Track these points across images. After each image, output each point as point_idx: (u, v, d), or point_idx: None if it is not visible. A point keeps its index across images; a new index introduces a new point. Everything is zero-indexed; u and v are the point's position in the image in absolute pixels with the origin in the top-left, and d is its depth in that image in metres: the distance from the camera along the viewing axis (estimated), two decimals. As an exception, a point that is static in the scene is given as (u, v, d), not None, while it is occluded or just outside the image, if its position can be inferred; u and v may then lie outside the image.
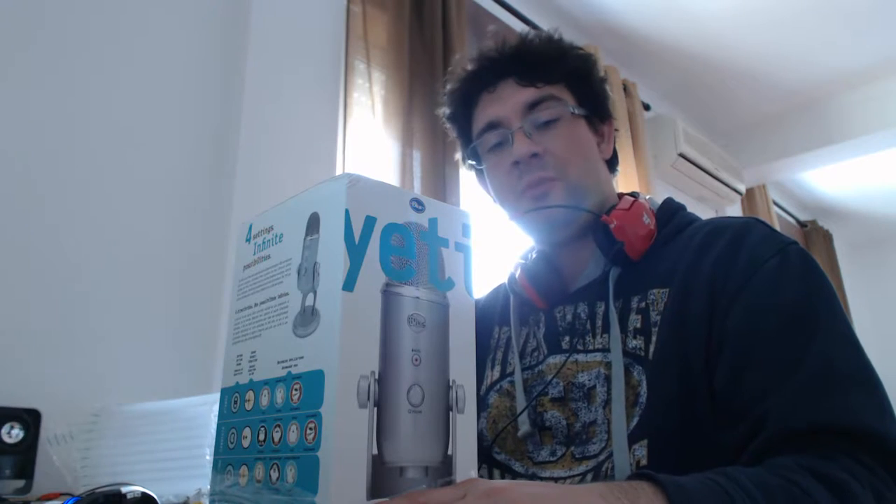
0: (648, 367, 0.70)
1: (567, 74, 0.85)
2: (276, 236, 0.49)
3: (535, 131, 0.81)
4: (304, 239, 0.46)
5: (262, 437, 0.44)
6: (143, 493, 0.68)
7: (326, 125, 1.61)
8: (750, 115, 3.42)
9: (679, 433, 0.66)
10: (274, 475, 0.42)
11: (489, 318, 0.93)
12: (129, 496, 0.68)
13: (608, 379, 0.73)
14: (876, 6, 2.62)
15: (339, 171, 1.59)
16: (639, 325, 0.73)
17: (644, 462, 0.66)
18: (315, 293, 0.43)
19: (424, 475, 0.42)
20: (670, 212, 0.83)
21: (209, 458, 0.87)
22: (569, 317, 0.81)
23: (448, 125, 0.94)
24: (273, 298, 0.47)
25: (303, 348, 0.43)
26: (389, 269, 0.44)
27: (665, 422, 0.67)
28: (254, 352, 0.48)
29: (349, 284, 0.41)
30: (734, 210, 3.54)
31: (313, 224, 0.45)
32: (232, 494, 0.46)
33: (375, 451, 0.40)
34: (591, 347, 0.77)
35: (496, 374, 0.86)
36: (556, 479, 0.73)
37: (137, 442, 0.96)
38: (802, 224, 4.39)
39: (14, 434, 0.99)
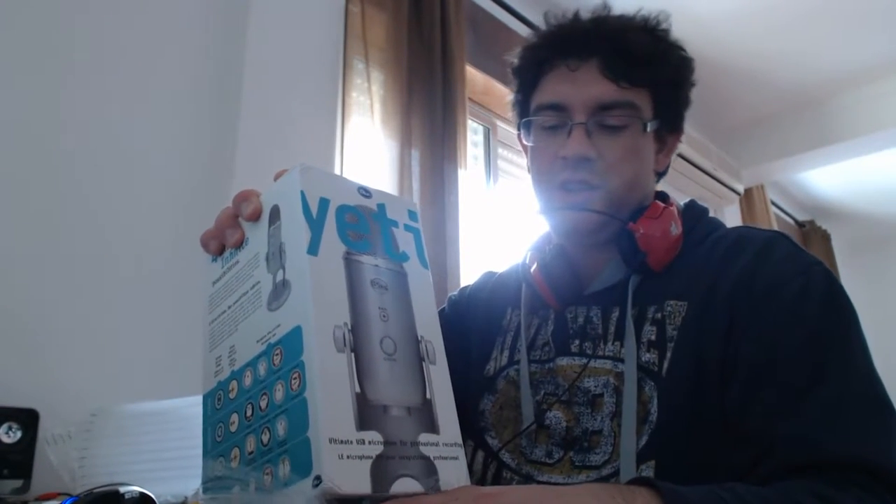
0: (661, 383, 0.68)
1: (656, 80, 0.77)
2: (242, 242, 0.52)
3: (596, 131, 0.75)
4: (268, 230, 0.49)
5: (249, 412, 0.46)
6: (141, 493, 0.68)
7: (325, 125, 1.61)
8: (748, 115, 3.42)
9: (688, 455, 0.64)
10: (265, 438, 0.43)
11: (503, 297, 0.88)
12: (127, 496, 0.68)
13: (617, 390, 0.70)
14: (874, 7, 2.63)
15: (337, 171, 1.59)
16: (653, 338, 0.70)
17: None
18: (283, 268, 0.46)
19: (408, 414, 0.43)
20: (694, 218, 0.79)
21: (207, 458, 0.87)
22: (580, 319, 0.78)
23: (512, 76, 0.85)
24: (245, 293, 0.50)
25: (278, 317, 0.45)
26: (347, 241, 0.47)
27: (675, 443, 0.65)
28: (232, 346, 0.50)
29: (313, 249, 0.44)
30: (732, 210, 3.55)
31: (275, 214, 0.49)
32: (223, 479, 0.47)
33: (359, 390, 0.42)
34: (601, 354, 0.74)
35: (504, 359, 0.83)
36: (553, 485, 0.71)
37: (135, 442, 0.96)
38: (801, 224, 4.40)
39: (12, 434, 0.99)
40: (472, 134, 2.21)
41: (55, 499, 0.91)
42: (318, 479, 0.38)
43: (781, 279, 0.66)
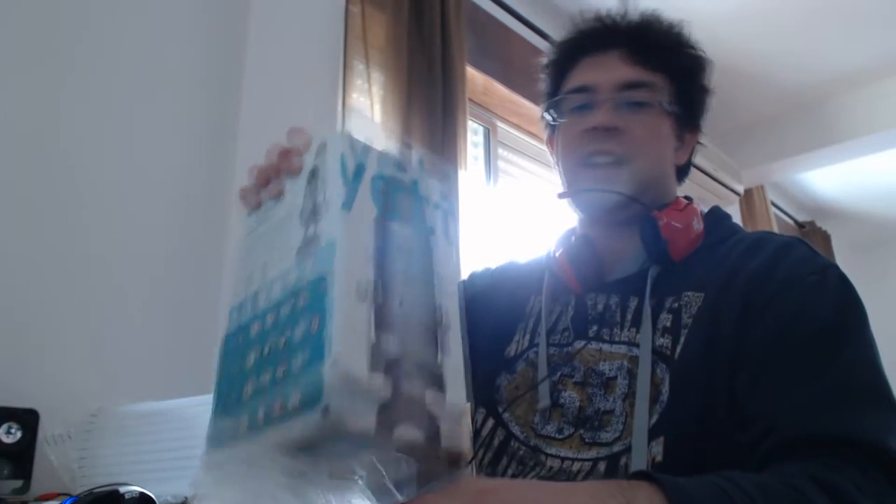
0: (673, 366, 0.70)
1: (674, 68, 0.84)
2: (280, 195, 0.54)
3: (622, 107, 0.81)
4: (306, 186, 0.50)
5: (267, 350, 0.47)
6: (141, 493, 0.69)
7: (325, 125, 1.61)
8: (748, 115, 3.42)
9: (697, 434, 0.66)
10: (280, 371, 0.44)
11: (527, 285, 0.91)
12: (127, 496, 0.68)
13: (630, 372, 0.73)
14: (874, 7, 2.63)
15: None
16: (668, 325, 0.73)
17: (659, 459, 0.66)
18: (316, 223, 0.48)
19: (418, 370, 0.45)
20: (716, 219, 0.84)
21: (207, 458, 0.87)
22: (600, 306, 0.81)
23: (542, 74, 0.93)
24: (277, 246, 0.51)
25: (306, 267, 0.47)
26: (379, 207, 0.48)
27: (684, 421, 0.67)
28: (257, 293, 0.51)
29: (347, 206, 0.46)
30: (732, 211, 3.54)
31: (314, 172, 0.50)
32: (232, 413, 0.47)
33: (374, 340, 0.43)
34: (616, 339, 0.77)
35: (525, 342, 0.86)
36: (561, 458, 0.74)
37: (135, 442, 0.96)
38: (801, 225, 4.40)
39: (12, 434, 0.99)
40: (472, 134, 2.21)
41: (55, 499, 0.91)
42: (327, 409, 0.39)
43: (797, 276, 0.69)
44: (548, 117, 0.89)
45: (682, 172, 0.90)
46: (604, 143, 0.80)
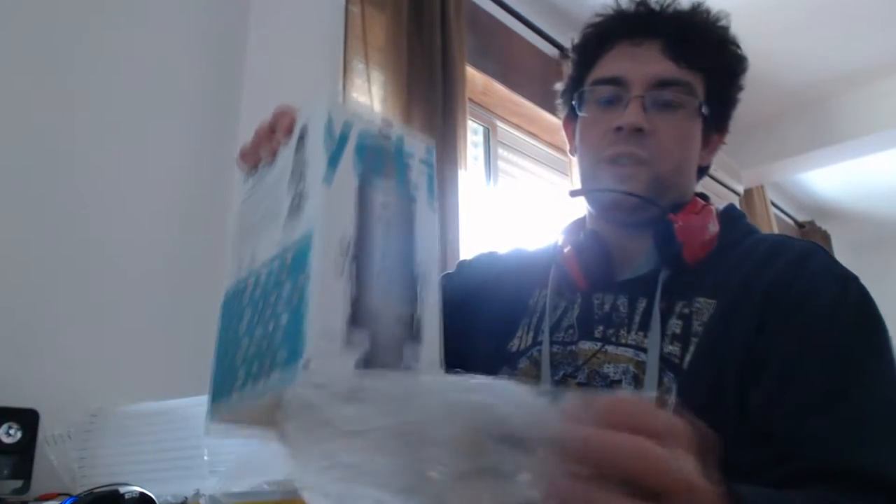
0: (681, 375, 0.68)
1: (712, 66, 0.80)
2: (275, 156, 0.56)
3: (653, 108, 0.77)
4: (295, 149, 0.52)
5: (260, 306, 0.50)
6: (141, 493, 0.69)
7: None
8: (748, 115, 3.41)
9: None
10: (271, 327, 0.47)
11: (531, 277, 0.88)
12: (126, 496, 0.68)
13: (636, 378, 0.71)
14: (874, 7, 2.63)
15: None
16: (678, 331, 0.71)
17: None
18: (300, 192, 0.50)
19: (396, 323, 0.47)
20: (731, 221, 0.80)
21: (207, 458, 0.88)
22: (607, 306, 0.78)
23: (571, 53, 0.87)
24: (269, 210, 0.54)
25: (292, 234, 0.49)
26: (362, 172, 0.50)
27: None
28: (253, 255, 0.54)
29: (328, 178, 0.48)
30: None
31: (303, 133, 0.52)
32: (231, 373, 0.50)
33: (354, 295, 0.45)
34: (623, 341, 0.74)
35: (529, 339, 0.83)
36: None
37: (135, 442, 0.96)
38: (800, 225, 4.40)
39: (12, 434, 0.99)
40: (472, 134, 2.21)
41: (55, 499, 0.91)
42: (307, 363, 0.41)
43: (815, 289, 0.66)
44: (572, 104, 0.84)
45: (702, 171, 0.88)
46: (629, 145, 0.76)
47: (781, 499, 0.50)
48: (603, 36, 0.83)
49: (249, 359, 0.48)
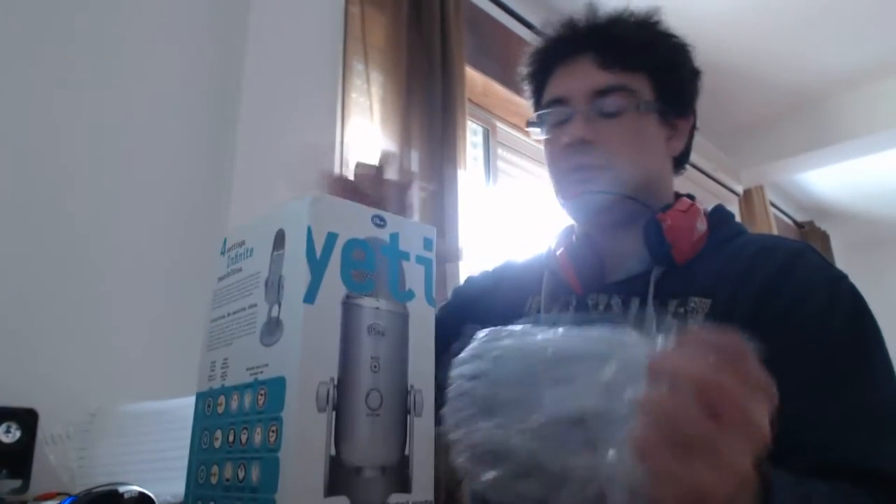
0: None
1: (649, 65, 0.82)
2: (247, 250, 0.52)
3: (595, 118, 0.80)
4: (272, 254, 0.48)
5: (231, 438, 0.47)
6: (141, 493, 0.68)
7: (324, 126, 1.61)
8: (747, 115, 3.42)
9: None
10: (241, 474, 0.44)
11: (525, 285, 0.90)
12: (126, 496, 0.68)
13: None
14: (872, 8, 2.63)
15: (336, 171, 1.59)
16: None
17: None
18: (280, 305, 0.46)
19: (381, 474, 0.44)
20: (720, 220, 0.82)
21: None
22: (601, 307, 0.80)
23: (524, 84, 0.92)
24: (243, 309, 0.50)
25: (268, 356, 0.45)
26: (350, 282, 0.46)
27: None
28: (226, 359, 0.51)
29: (310, 297, 0.44)
30: (731, 211, 3.54)
31: (279, 240, 0.48)
32: (205, 494, 0.48)
33: (334, 452, 0.42)
34: None
35: None
36: None
37: (134, 442, 0.96)
38: (800, 225, 4.40)
39: (11, 434, 0.99)
40: (472, 135, 2.21)
41: (54, 499, 0.91)
42: None
43: (807, 291, 0.68)
44: (534, 131, 0.88)
45: (680, 160, 0.89)
46: (581, 157, 0.79)
47: (810, 489, 0.49)
48: (542, 62, 0.87)
49: (221, 497, 0.46)
